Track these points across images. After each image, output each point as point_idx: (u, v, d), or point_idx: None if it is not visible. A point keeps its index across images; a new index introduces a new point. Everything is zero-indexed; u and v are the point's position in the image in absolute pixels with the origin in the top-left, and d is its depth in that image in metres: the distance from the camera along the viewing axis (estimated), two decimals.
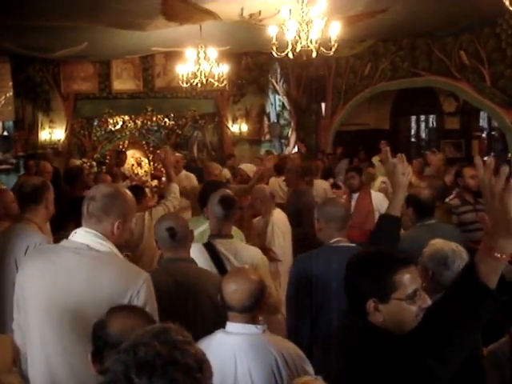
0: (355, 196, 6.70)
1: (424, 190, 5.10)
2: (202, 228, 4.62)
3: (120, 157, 11.15)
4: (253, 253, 4.01)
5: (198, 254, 3.79)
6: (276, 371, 2.67)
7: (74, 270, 2.69)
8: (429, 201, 4.76)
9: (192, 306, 3.27)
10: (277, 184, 8.43)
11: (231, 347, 2.72)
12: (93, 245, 2.73)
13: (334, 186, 7.99)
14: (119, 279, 2.68)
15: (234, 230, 4.56)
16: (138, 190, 6.06)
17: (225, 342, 2.75)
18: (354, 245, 3.82)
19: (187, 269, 3.41)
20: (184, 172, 8.22)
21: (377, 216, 6.51)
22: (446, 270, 3.19)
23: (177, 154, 9.09)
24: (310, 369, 2.76)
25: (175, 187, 5.36)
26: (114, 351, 1.41)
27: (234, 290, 2.78)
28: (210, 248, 3.88)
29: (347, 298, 2.24)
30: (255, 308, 2.79)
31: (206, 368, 1.38)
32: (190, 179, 7.90)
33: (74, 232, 2.81)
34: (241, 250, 3.96)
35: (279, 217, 5.60)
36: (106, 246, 2.75)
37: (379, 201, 6.59)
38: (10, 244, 3.85)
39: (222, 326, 2.82)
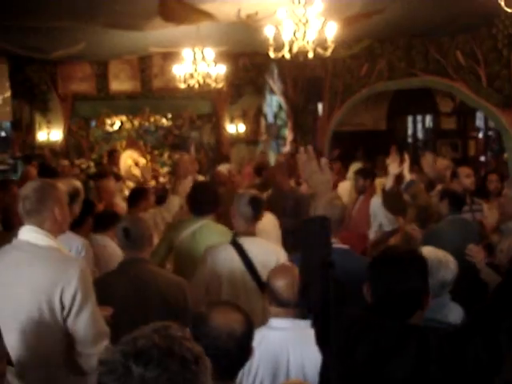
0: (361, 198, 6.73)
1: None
2: (193, 227, 4.64)
3: (112, 156, 11.24)
4: (279, 251, 4.12)
5: (224, 253, 3.96)
6: None
7: (15, 267, 2.83)
8: (463, 195, 4.99)
9: (144, 303, 3.38)
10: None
11: (279, 342, 2.80)
12: (33, 240, 2.87)
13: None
14: (51, 271, 2.80)
15: (225, 230, 4.65)
16: (138, 192, 6.11)
17: (277, 337, 2.82)
18: (346, 247, 3.84)
19: (142, 269, 3.50)
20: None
21: (372, 221, 6.54)
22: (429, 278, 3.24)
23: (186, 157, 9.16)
24: None
25: (175, 200, 5.41)
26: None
27: (289, 285, 2.90)
28: (236, 246, 3.97)
29: (391, 301, 2.27)
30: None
31: (203, 363, 1.42)
32: None
33: (19, 230, 2.96)
34: (268, 248, 4.07)
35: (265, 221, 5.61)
36: (45, 240, 2.88)
37: (376, 206, 6.51)
38: None
39: None
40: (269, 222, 5.38)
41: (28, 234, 2.89)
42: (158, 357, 1.35)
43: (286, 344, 2.80)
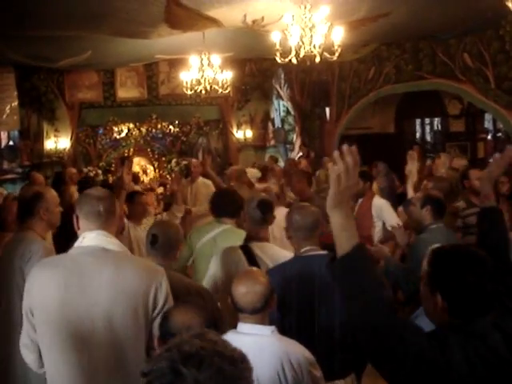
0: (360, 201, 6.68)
1: (437, 191, 5.10)
2: (214, 232, 4.74)
3: (126, 163, 11.24)
4: (287, 255, 4.04)
5: (233, 256, 4.00)
6: (281, 373, 2.71)
7: (97, 272, 2.72)
8: (443, 202, 4.76)
9: None
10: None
11: (241, 347, 2.74)
12: (108, 246, 2.80)
13: None
14: (143, 273, 2.79)
15: (239, 232, 4.67)
16: (133, 195, 6.11)
17: (235, 341, 2.77)
18: (324, 252, 3.69)
19: None
20: (201, 179, 8.28)
21: (376, 221, 6.52)
22: None
23: (193, 160, 9.22)
24: (317, 372, 2.77)
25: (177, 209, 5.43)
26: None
27: (244, 293, 2.85)
28: (246, 250, 4.01)
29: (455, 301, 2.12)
30: (265, 309, 2.86)
31: (247, 361, 1.45)
32: (208, 186, 7.97)
33: (81, 237, 2.85)
34: (276, 253, 4.04)
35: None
36: (117, 245, 2.85)
37: (379, 208, 6.55)
38: (13, 253, 3.85)
39: None
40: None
41: (99, 239, 2.82)
42: (209, 358, 1.34)
43: (243, 349, 2.76)
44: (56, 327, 2.71)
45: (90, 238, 2.82)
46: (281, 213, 4.75)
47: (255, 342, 2.77)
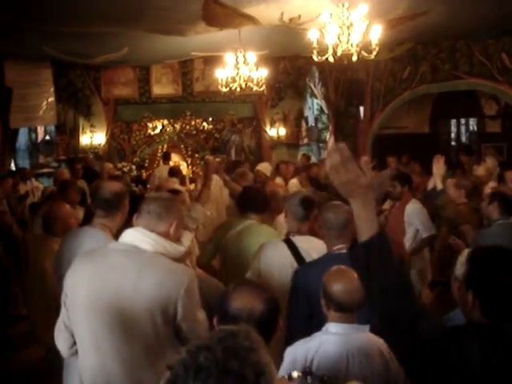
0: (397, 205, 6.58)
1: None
2: (239, 228, 4.76)
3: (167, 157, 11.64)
4: None
5: (277, 249, 4.03)
6: (390, 364, 2.77)
7: (122, 272, 2.77)
8: None
9: None
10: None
11: (343, 348, 2.78)
12: (141, 245, 2.82)
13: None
14: (165, 280, 2.76)
15: (270, 231, 4.76)
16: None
17: (335, 343, 2.82)
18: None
19: None
20: (216, 177, 8.34)
21: (407, 228, 6.36)
22: None
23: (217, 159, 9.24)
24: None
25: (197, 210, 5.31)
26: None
27: (347, 290, 2.86)
28: (290, 244, 4.03)
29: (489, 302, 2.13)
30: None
31: (265, 379, 1.40)
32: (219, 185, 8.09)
33: (125, 232, 2.91)
34: (320, 246, 4.04)
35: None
36: (154, 245, 2.83)
37: (411, 212, 6.30)
38: (81, 247, 3.75)
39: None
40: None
41: (135, 236, 2.86)
42: (217, 375, 1.34)
43: (346, 351, 2.77)
44: (82, 317, 2.84)
45: (128, 233, 2.89)
46: None
47: (354, 340, 2.81)
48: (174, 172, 11.03)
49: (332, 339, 2.83)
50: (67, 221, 4.77)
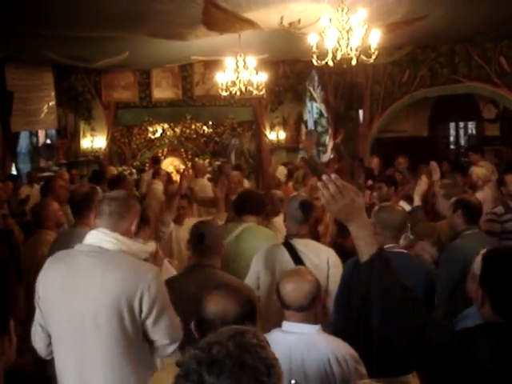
0: None
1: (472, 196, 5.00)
2: (236, 231, 4.79)
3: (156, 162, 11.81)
4: (330, 252, 4.20)
5: (277, 252, 4.11)
6: (329, 370, 2.76)
7: (89, 273, 2.84)
8: (478, 207, 4.58)
9: None
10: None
11: (287, 345, 2.81)
12: (104, 245, 2.88)
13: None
14: (129, 277, 2.83)
15: (268, 233, 4.80)
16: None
17: (281, 340, 2.83)
18: (405, 251, 3.85)
19: (209, 273, 3.55)
20: (201, 179, 8.68)
21: None
22: None
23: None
24: (362, 369, 2.83)
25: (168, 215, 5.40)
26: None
27: (292, 290, 2.92)
28: (289, 247, 4.10)
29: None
30: (311, 307, 2.91)
31: (275, 373, 1.43)
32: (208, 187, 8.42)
33: (88, 233, 2.97)
34: (319, 249, 4.18)
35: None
36: (117, 244, 2.90)
37: None
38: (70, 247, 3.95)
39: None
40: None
41: (98, 237, 2.92)
42: (231, 367, 1.37)
43: (290, 347, 2.81)
44: (56, 319, 2.90)
45: (91, 235, 2.95)
46: None
47: (301, 339, 2.83)
48: (157, 160, 12.09)
49: (280, 336, 2.88)
50: (55, 214, 4.87)
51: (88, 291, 2.80)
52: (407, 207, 6.12)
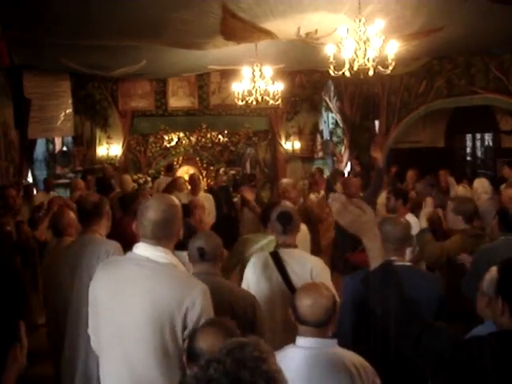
0: None
1: None
2: (262, 243, 4.94)
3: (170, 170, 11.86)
4: (316, 262, 4.25)
5: (263, 261, 4.18)
6: (351, 381, 2.74)
7: (136, 282, 2.81)
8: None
9: (215, 314, 3.43)
10: None
11: (305, 361, 2.78)
12: (152, 257, 2.86)
13: None
14: (176, 290, 2.78)
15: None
16: (129, 197, 6.27)
17: (298, 356, 2.82)
18: (408, 263, 3.83)
19: (212, 281, 3.53)
20: (202, 193, 8.70)
21: None
22: None
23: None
24: (378, 381, 2.81)
25: None
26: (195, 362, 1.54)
27: (309, 305, 2.89)
28: (274, 256, 4.19)
29: None
30: (328, 323, 2.89)
31: None
32: (208, 200, 8.46)
33: (135, 246, 2.95)
34: (304, 259, 4.23)
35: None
36: (164, 257, 2.87)
37: None
38: (82, 253, 4.06)
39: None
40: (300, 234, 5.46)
41: (146, 251, 2.88)
42: None
43: (307, 364, 2.79)
44: (102, 324, 2.91)
45: (141, 247, 2.91)
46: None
47: (320, 354, 2.81)
48: (171, 168, 12.40)
49: (296, 352, 2.86)
50: (75, 221, 4.92)
51: (133, 299, 2.77)
52: (414, 220, 6.08)
